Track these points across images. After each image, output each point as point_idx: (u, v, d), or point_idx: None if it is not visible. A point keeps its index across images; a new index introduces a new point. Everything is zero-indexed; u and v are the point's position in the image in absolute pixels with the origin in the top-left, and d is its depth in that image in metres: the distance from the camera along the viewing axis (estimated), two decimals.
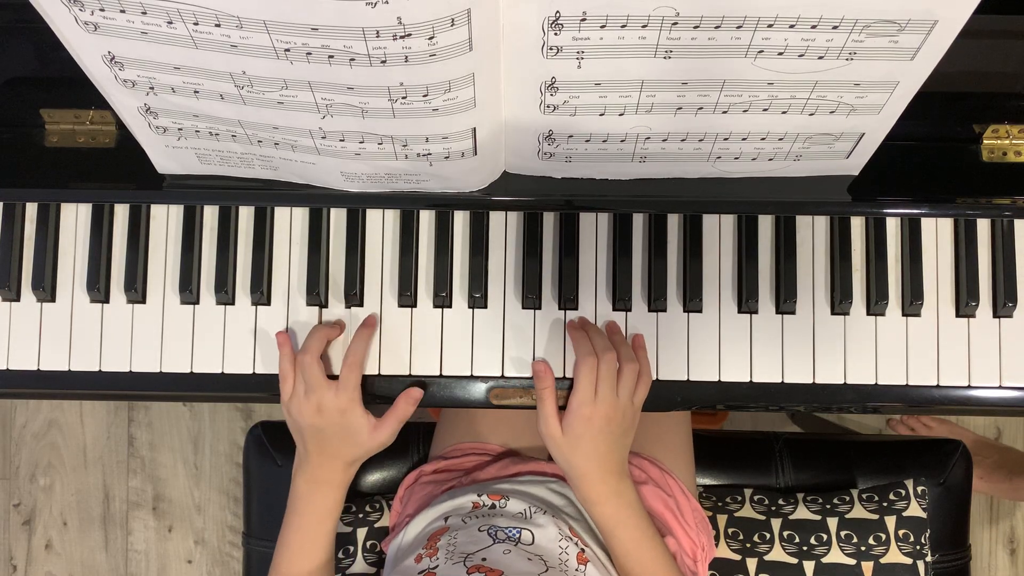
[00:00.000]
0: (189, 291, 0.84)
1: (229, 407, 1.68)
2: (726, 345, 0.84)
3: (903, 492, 1.00)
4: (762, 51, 0.64)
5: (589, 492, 0.80)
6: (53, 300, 0.85)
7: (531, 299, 0.83)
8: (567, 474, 0.81)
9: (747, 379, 0.83)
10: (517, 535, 0.80)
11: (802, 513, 1.01)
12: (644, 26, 0.62)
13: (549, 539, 0.81)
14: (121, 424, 1.68)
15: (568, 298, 0.83)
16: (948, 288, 0.85)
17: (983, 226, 0.85)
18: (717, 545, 1.01)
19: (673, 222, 0.85)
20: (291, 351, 0.81)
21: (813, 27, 0.62)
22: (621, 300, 0.83)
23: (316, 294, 0.83)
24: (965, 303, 0.83)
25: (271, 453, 1.07)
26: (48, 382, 0.84)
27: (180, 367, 0.84)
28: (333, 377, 0.81)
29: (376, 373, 0.83)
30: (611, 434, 0.78)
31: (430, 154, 0.73)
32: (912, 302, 0.83)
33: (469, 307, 0.84)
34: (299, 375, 0.79)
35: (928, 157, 0.83)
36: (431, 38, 0.60)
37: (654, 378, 0.83)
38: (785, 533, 1.00)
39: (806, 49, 0.64)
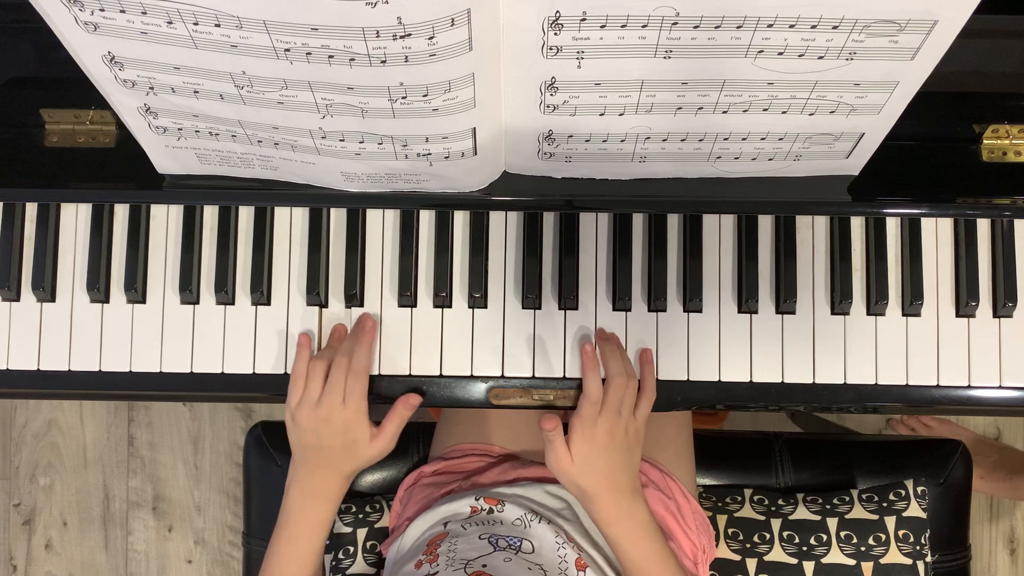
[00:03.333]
0: (189, 291, 0.84)
1: (229, 407, 1.68)
2: (726, 345, 0.84)
3: (903, 492, 1.00)
4: (762, 51, 0.64)
5: (600, 513, 0.80)
6: (53, 300, 0.85)
7: (531, 299, 0.83)
8: (578, 497, 0.81)
9: (747, 379, 0.83)
10: (518, 544, 0.81)
11: (802, 513, 1.01)
12: (644, 26, 0.62)
13: (548, 548, 0.82)
14: (121, 424, 1.68)
15: (568, 298, 0.83)
16: (948, 288, 0.85)
17: (983, 226, 0.85)
18: (717, 545, 1.01)
19: (673, 222, 0.85)
20: (309, 355, 0.81)
21: (813, 27, 0.62)
22: (621, 300, 0.83)
23: (316, 294, 0.83)
24: (965, 303, 0.83)
25: (271, 453, 1.07)
26: (48, 382, 0.84)
27: (180, 367, 0.84)
28: None
29: (376, 373, 0.83)
30: (616, 450, 0.78)
31: (430, 154, 0.73)
32: (912, 302, 0.83)
33: (469, 307, 0.84)
34: (311, 380, 0.79)
35: (928, 157, 0.83)
36: (431, 38, 0.60)
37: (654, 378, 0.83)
38: (785, 533, 1.00)
39: (806, 49, 0.64)
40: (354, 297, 0.84)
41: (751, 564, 1.00)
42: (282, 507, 0.83)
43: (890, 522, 0.99)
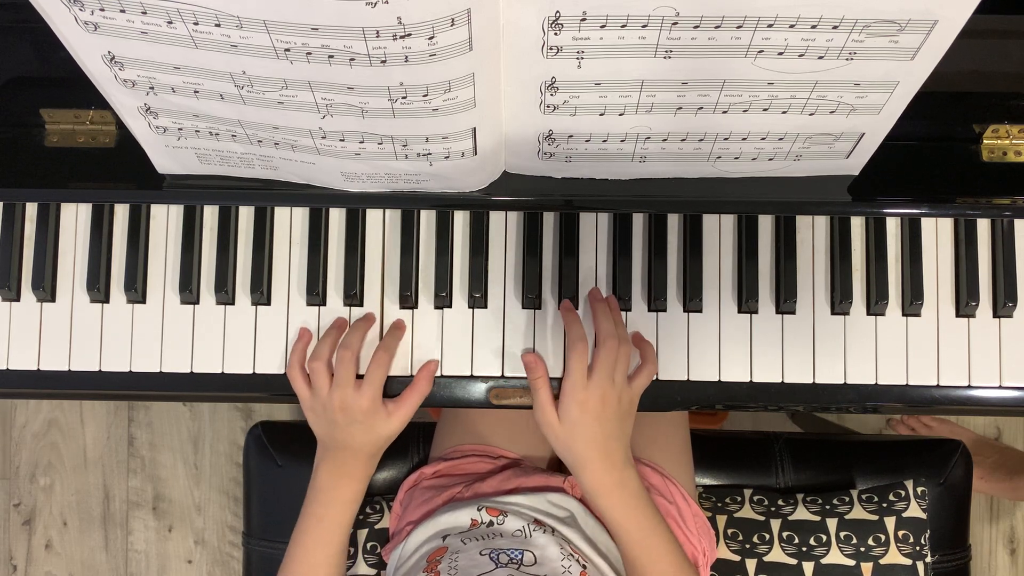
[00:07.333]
0: (189, 291, 0.84)
1: (229, 407, 1.68)
2: (726, 345, 0.84)
3: (903, 492, 1.00)
4: (762, 51, 0.64)
5: (592, 482, 0.78)
6: (53, 300, 0.85)
7: (531, 299, 0.83)
8: (569, 465, 0.79)
9: (747, 379, 0.83)
10: (519, 557, 0.80)
11: (802, 514, 1.01)
12: (644, 26, 0.62)
13: (551, 559, 0.81)
14: (121, 424, 1.68)
15: (568, 298, 0.83)
16: (948, 288, 0.85)
17: (983, 226, 0.85)
18: (716, 546, 1.01)
19: (673, 222, 0.85)
20: (302, 353, 0.82)
21: (813, 27, 0.62)
22: (621, 300, 0.83)
23: (316, 294, 0.83)
24: (965, 303, 0.83)
25: (271, 453, 1.07)
26: (48, 382, 0.84)
27: (180, 367, 0.84)
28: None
29: None
30: (608, 419, 0.77)
31: (430, 154, 0.73)
32: (912, 302, 0.83)
33: (469, 307, 0.84)
34: (315, 377, 0.80)
35: (928, 157, 0.83)
36: (431, 38, 0.60)
37: (654, 378, 0.83)
38: (784, 534, 1.00)
39: (806, 49, 0.64)
40: (354, 297, 0.84)
41: (751, 564, 1.00)
42: (310, 490, 0.84)
43: (890, 522, 0.99)
